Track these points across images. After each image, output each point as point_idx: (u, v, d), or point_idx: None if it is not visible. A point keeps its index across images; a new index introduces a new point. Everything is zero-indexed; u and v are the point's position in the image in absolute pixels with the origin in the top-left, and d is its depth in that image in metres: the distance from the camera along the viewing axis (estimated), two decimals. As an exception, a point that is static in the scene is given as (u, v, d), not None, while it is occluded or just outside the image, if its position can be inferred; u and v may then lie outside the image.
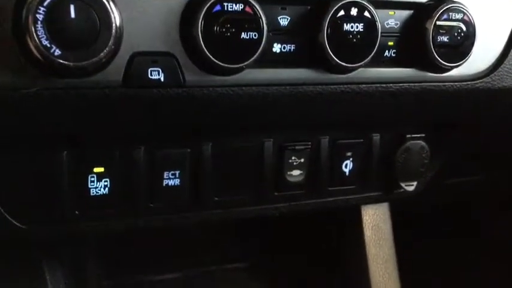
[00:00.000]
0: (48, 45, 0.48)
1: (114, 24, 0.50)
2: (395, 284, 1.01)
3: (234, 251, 1.16)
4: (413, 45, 0.68)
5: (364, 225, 1.02)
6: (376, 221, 1.03)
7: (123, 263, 1.04)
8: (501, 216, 1.32)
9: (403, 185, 0.83)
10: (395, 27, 0.67)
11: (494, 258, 1.31)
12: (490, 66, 0.75)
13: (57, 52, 0.48)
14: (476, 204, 1.35)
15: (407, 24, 0.67)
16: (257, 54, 0.57)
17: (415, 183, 0.84)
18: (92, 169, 0.62)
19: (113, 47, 0.50)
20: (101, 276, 0.96)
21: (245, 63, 0.57)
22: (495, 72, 0.75)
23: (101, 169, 0.62)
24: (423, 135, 0.81)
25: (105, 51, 0.50)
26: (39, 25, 0.47)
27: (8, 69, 0.49)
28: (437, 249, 1.34)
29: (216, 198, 0.70)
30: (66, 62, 0.49)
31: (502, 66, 0.75)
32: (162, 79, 0.55)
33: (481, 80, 0.74)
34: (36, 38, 0.47)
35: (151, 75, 0.54)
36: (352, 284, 0.99)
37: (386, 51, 0.67)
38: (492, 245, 1.32)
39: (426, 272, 1.31)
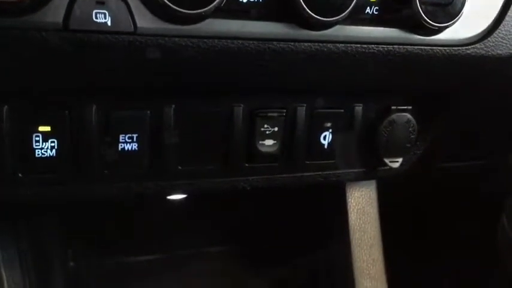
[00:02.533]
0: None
1: (51, -46, 0.44)
2: (380, 270, 0.95)
3: (214, 235, 1.10)
4: (397, 2, 0.62)
5: (348, 208, 0.96)
6: (361, 204, 0.98)
7: (93, 244, 0.99)
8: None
9: (387, 161, 0.77)
10: (379, -19, 0.61)
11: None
12: (483, 31, 0.69)
13: (-18, -17, 0.42)
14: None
15: (391, -22, 0.61)
16: (218, -1, 0.51)
17: (400, 159, 0.78)
18: (37, 127, 0.56)
19: (51, -19, 0.45)
20: (67, 258, 0.91)
21: (205, 9, 0.51)
22: (489, 38, 0.69)
23: (47, 128, 0.56)
24: (410, 107, 0.75)
25: (40, -16, 0.44)
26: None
27: None
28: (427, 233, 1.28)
29: (180, 167, 0.65)
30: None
31: (497, 31, 0.69)
32: (109, 23, 0.49)
33: (473, 46, 0.68)
34: (-45, -36, 0.41)
35: (96, 18, 0.49)
36: (337, 267, 0.94)
37: (368, 8, 0.61)
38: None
39: (414, 257, 1.26)
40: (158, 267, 1.02)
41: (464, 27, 0.67)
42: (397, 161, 0.78)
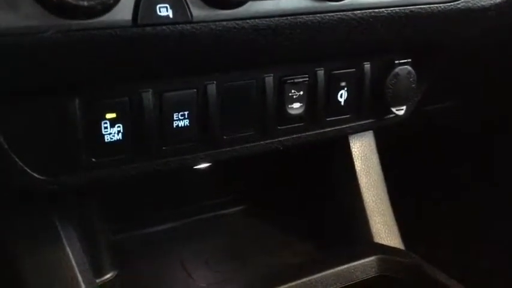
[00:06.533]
0: (60, -16, 0.47)
1: (122, -39, 0.49)
2: (387, 207, 1.07)
3: (230, 196, 1.18)
4: (401, -30, 0.70)
5: (353, 156, 1.06)
6: (364, 151, 1.08)
7: (121, 218, 1.05)
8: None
9: (394, 109, 0.86)
10: (384, -48, 0.69)
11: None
12: (469, -13, 0.79)
13: (70, -9, 0.47)
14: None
15: (394, -51, 0.69)
16: (260, -15, 0.58)
17: (404, 107, 0.88)
18: (105, 115, 0.62)
19: (122, -16, 0.50)
20: (106, 232, 0.97)
21: (249, -6, 0.58)
22: (474, -8, 0.79)
23: (113, 115, 0.62)
24: (409, 60, 0.84)
25: (115, -12, 0.50)
26: (49, -36, 0.46)
27: (19, 14, 0.48)
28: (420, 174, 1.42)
29: (225, 137, 0.72)
30: (79, 2, 0.48)
31: (479, -15, 0.79)
32: (170, 15, 0.55)
33: (461, 0, 0.78)
34: (48, -22, 0.46)
35: (160, 11, 0.55)
36: (349, 211, 1.04)
37: (377, -24, 0.69)
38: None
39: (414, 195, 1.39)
40: (185, 232, 1.09)
41: (454, -15, 0.76)
42: (402, 109, 0.88)
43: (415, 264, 0.91)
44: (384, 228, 1.04)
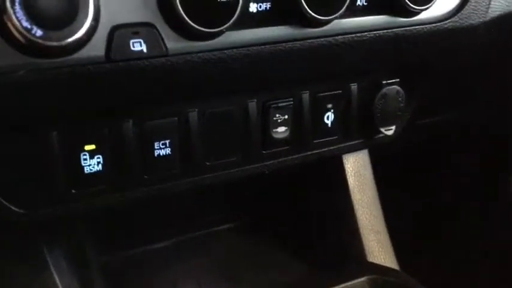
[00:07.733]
0: (29, 26, 0.47)
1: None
2: (382, 225, 1.06)
3: (221, 213, 1.18)
4: (383, -8, 0.69)
5: (346, 172, 1.05)
6: (357, 168, 1.07)
7: (112, 237, 1.05)
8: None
9: (382, 130, 0.86)
10: (365, -25, 0.68)
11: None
12: (456, 6, 0.78)
13: (39, 33, 0.47)
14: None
15: (375, -29, 0.68)
16: (236, 16, 0.57)
17: (393, 127, 0.87)
18: (83, 147, 0.62)
19: (93, 23, 0.50)
20: (97, 253, 0.97)
21: (225, 26, 0.57)
22: (462, 11, 0.78)
23: (92, 146, 0.62)
24: (398, 80, 0.83)
25: (85, 27, 0.50)
26: (17, 6, 0.46)
27: (-12, 55, 0.49)
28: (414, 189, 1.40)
29: (208, 163, 0.72)
30: (49, 42, 0.48)
31: (467, 5, 0.78)
32: (144, 50, 0.55)
33: (449, 20, 0.77)
34: (15, 20, 0.46)
35: (133, 47, 0.54)
36: (342, 228, 1.04)
37: (358, 0, 0.69)
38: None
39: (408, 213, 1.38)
40: (177, 251, 1.09)
41: (440, 6, 0.75)
42: (391, 129, 0.87)
43: (406, 285, 0.90)
44: (377, 247, 1.03)
